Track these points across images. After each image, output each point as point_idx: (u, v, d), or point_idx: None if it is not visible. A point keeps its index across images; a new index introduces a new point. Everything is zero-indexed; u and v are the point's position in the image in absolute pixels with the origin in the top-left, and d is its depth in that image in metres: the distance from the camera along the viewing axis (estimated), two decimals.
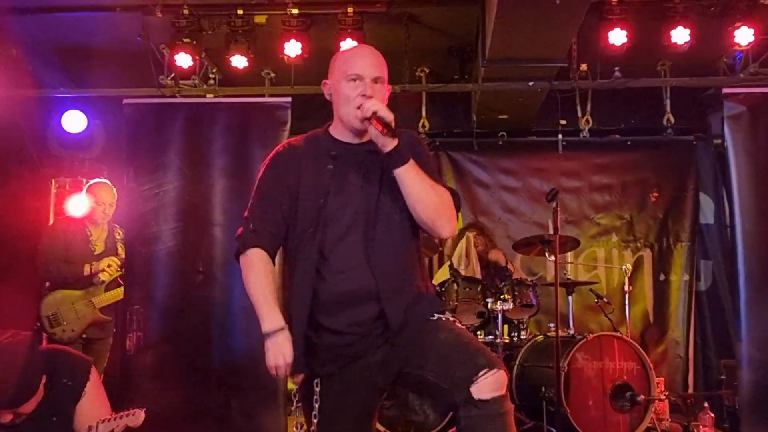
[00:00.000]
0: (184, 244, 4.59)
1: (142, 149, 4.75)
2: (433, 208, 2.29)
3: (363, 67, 2.31)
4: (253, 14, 5.49)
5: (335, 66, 2.39)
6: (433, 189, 2.30)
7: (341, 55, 2.44)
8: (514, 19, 4.56)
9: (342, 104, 2.33)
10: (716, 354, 6.22)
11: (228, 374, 4.49)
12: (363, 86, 2.29)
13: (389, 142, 2.23)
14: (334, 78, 2.37)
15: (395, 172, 2.25)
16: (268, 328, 2.25)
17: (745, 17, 5.17)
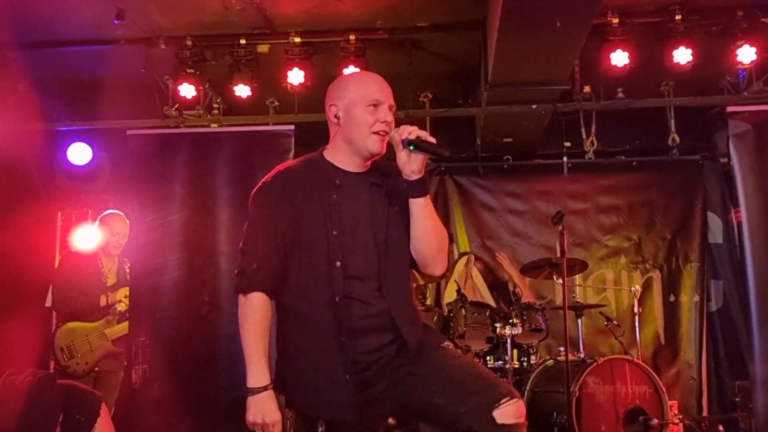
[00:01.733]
0: (190, 275, 4.58)
1: (146, 180, 4.76)
2: (437, 243, 2.30)
3: (382, 94, 2.31)
4: (256, 44, 5.53)
5: (348, 90, 2.34)
6: (440, 225, 2.32)
7: (354, 80, 2.41)
8: (515, 42, 4.57)
9: (358, 127, 2.29)
10: (730, 375, 6.13)
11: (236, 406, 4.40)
12: (383, 112, 2.28)
13: (420, 168, 2.23)
14: (347, 102, 2.32)
15: (415, 202, 2.25)
16: (253, 384, 2.20)
17: (747, 36, 5.17)
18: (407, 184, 2.25)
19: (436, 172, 6.72)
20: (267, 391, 2.18)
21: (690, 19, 5.19)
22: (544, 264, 5.24)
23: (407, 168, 2.22)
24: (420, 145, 2.20)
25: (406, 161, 2.22)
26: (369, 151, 2.29)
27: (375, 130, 2.26)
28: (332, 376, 2.19)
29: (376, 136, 2.26)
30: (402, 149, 2.22)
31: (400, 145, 2.22)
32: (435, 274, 2.37)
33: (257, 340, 2.20)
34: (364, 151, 2.30)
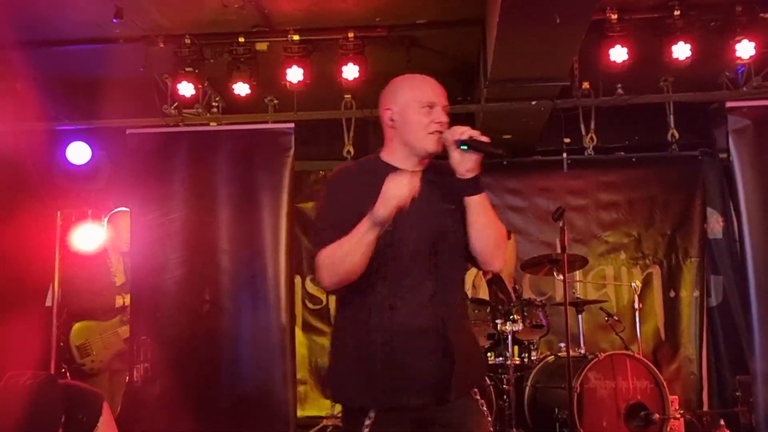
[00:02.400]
0: (191, 273, 4.58)
1: (146, 179, 4.76)
2: (494, 240, 2.35)
3: (435, 95, 2.36)
4: (255, 42, 5.53)
5: (401, 93, 2.39)
6: (497, 221, 2.36)
7: (407, 83, 2.43)
8: (514, 39, 4.57)
9: (413, 129, 2.34)
10: (730, 370, 6.14)
11: (238, 404, 4.45)
12: (437, 112, 2.33)
13: (475, 167, 2.27)
14: (401, 105, 2.36)
15: (471, 200, 2.30)
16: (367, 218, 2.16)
17: (746, 31, 5.17)
18: (461, 182, 2.30)
19: None
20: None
21: (689, 14, 5.19)
22: (545, 260, 5.25)
23: (461, 167, 2.28)
24: (472, 144, 2.26)
25: (459, 160, 2.27)
26: (426, 151, 2.34)
27: (431, 131, 2.31)
28: (375, 370, 2.21)
29: (433, 136, 2.31)
30: (455, 149, 2.27)
31: (453, 145, 2.27)
32: (494, 268, 2.43)
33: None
34: (422, 151, 2.35)
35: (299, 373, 6.17)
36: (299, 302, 6.67)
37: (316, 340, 6.71)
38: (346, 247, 2.17)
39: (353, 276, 2.19)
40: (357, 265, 2.17)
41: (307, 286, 6.80)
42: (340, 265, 2.19)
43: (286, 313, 4.54)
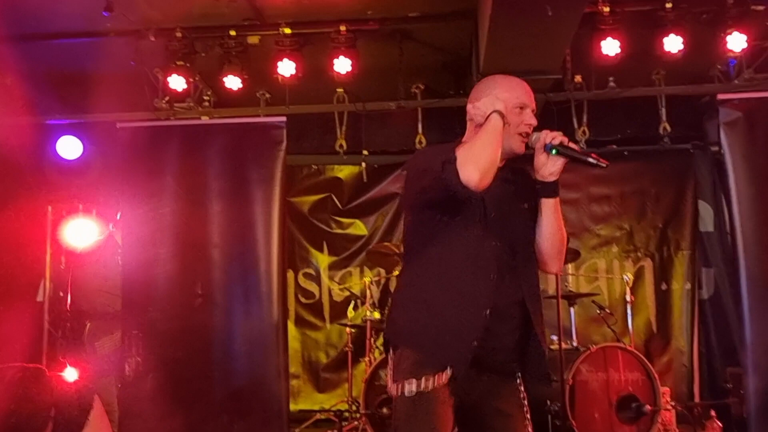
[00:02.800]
0: (182, 267, 4.57)
1: (137, 173, 4.74)
2: (559, 243, 2.42)
3: (528, 97, 2.43)
4: (246, 35, 5.50)
5: (496, 92, 2.42)
6: (563, 227, 2.43)
7: (501, 82, 2.47)
8: (506, 32, 4.56)
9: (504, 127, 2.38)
10: (722, 362, 6.17)
11: (230, 398, 4.45)
12: (528, 115, 2.40)
13: (559, 171, 2.34)
14: (492, 103, 2.38)
15: (547, 202, 2.37)
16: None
17: (737, 23, 5.17)
18: (542, 185, 2.37)
19: None
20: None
21: (680, 7, 5.19)
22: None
23: (545, 170, 2.35)
24: (562, 150, 2.31)
25: (544, 163, 2.35)
26: (512, 151, 2.40)
27: (519, 131, 2.38)
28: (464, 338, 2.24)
29: (519, 137, 2.38)
30: (542, 152, 2.34)
31: (542, 148, 2.33)
32: (552, 271, 2.53)
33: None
34: (507, 150, 2.39)
35: (292, 367, 6.17)
36: (292, 296, 6.67)
37: (309, 334, 6.72)
38: (480, 142, 2.25)
39: (496, 164, 2.23)
40: (496, 153, 2.23)
41: (300, 281, 6.80)
42: (482, 155, 2.21)
43: (278, 308, 4.53)
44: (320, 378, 6.62)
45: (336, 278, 6.72)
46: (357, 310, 6.03)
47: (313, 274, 6.80)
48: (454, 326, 2.24)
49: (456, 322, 2.24)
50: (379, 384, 4.81)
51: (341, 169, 6.88)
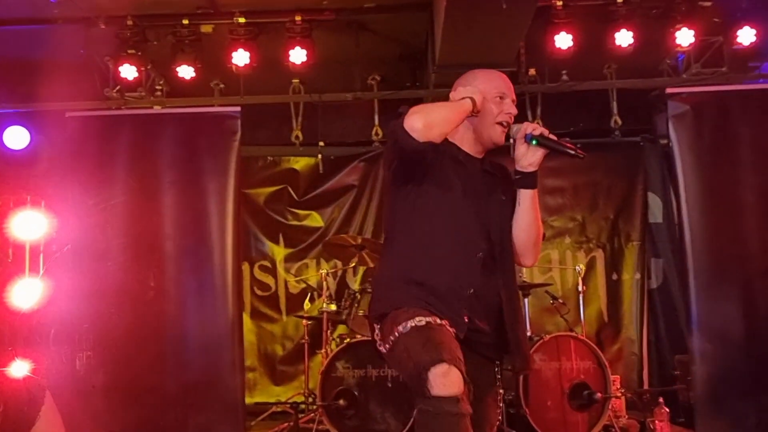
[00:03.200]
0: (134, 260, 4.49)
1: (87, 163, 4.64)
2: (535, 236, 2.44)
3: (507, 88, 2.49)
4: (199, 24, 5.43)
5: (477, 82, 2.48)
6: (540, 219, 2.44)
7: (481, 74, 2.53)
8: (461, 24, 4.59)
9: (485, 117, 2.43)
10: (670, 350, 6.32)
11: (184, 392, 4.40)
12: (508, 104, 2.45)
13: (538, 162, 2.37)
14: (470, 92, 2.43)
15: (525, 194, 2.39)
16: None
17: (686, 19, 5.30)
18: (521, 175, 2.40)
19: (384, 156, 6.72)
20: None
21: (631, 2, 5.30)
22: None
23: (525, 160, 2.38)
24: (542, 141, 2.35)
25: (524, 153, 2.38)
26: (492, 141, 2.44)
27: (499, 120, 2.42)
28: (455, 308, 2.23)
29: (499, 127, 2.42)
30: (522, 143, 2.37)
31: (522, 138, 2.37)
32: (526, 264, 2.52)
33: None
34: (487, 140, 2.45)
35: (248, 360, 6.13)
36: (247, 289, 6.61)
37: (265, 326, 6.67)
38: (438, 105, 2.36)
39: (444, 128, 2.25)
40: (448, 118, 2.28)
41: (256, 273, 6.74)
42: (432, 111, 2.28)
43: (233, 300, 4.50)
44: (276, 370, 6.59)
45: (292, 270, 6.69)
46: (313, 302, 6.01)
47: (268, 267, 6.76)
48: (445, 297, 2.24)
49: (445, 292, 2.25)
50: (335, 376, 4.81)
51: (297, 161, 6.84)
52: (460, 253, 2.31)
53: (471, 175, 2.41)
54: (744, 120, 4.42)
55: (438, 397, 1.94)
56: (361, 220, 6.74)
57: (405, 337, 2.13)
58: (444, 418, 1.94)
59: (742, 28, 5.35)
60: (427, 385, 1.95)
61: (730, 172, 4.40)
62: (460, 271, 2.29)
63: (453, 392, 1.95)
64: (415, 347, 2.05)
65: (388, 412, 4.69)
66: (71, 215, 4.65)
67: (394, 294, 2.28)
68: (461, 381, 1.97)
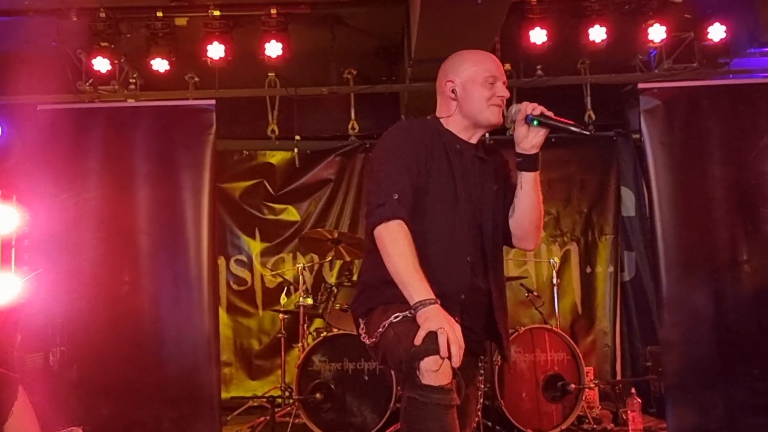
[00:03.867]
0: (108, 254, 4.44)
1: (59, 156, 4.58)
2: (537, 219, 2.39)
3: (497, 70, 2.39)
4: (174, 17, 5.38)
5: (466, 65, 2.40)
6: (541, 203, 2.39)
7: (470, 57, 2.44)
8: (437, 19, 4.60)
9: (476, 101, 2.36)
10: (642, 341, 6.43)
11: (160, 387, 4.37)
12: (500, 87, 2.37)
13: (540, 143, 2.31)
14: (464, 78, 2.38)
15: (527, 175, 2.33)
16: (423, 297, 2.02)
17: (658, 15, 5.37)
18: (522, 158, 2.32)
19: (361, 150, 6.73)
20: (437, 304, 2.04)
21: None
22: None
23: (526, 142, 2.30)
24: (543, 120, 2.27)
25: (525, 135, 2.30)
26: (489, 123, 2.37)
27: (492, 103, 2.35)
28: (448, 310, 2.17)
29: (495, 108, 2.35)
30: (522, 124, 2.29)
31: (522, 120, 2.29)
32: (528, 248, 2.47)
33: (412, 261, 2.10)
34: (485, 122, 2.37)
35: (224, 354, 6.11)
36: (223, 283, 6.59)
37: (241, 321, 6.66)
38: (396, 264, 2.10)
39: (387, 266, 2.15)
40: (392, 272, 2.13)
41: (232, 268, 6.73)
42: (388, 262, 2.13)
43: (209, 294, 4.47)
44: (253, 365, 6.58)
45: (268, 265, 6.67)
46: (290, 296, 6.02)
47: (244, 261, 6.74)
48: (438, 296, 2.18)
49: (437, 297, 2.14)
50: (312, 369, 4.82)
51: (273, 155, 6.82)
52: (452, 257, 2.26)
53: (467, 166, 2.35)
54: (714, 115, 4.48)
55: (428, 386, 1.93)
56: (338, 214, 6.75)
57: (396, 326, 2.10)
58: (433, 407, 1.93)
59: (713, 24, 5.43)
60: (418, 373, 1.93)
61: (700, 166, 4.46)
62: (451, 275, 2.24)
63: (443, 382, 1.93)
64: (407, 336, 1.99)
65: (364, 405, 4.71)
66: (44, 209, 4.59)
67: (383, 293, 2.23)
68: (451, 372, 1.95)
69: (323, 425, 4.68)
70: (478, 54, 2.45)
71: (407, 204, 2.19)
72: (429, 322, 1.95)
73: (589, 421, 4.98)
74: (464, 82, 2.38)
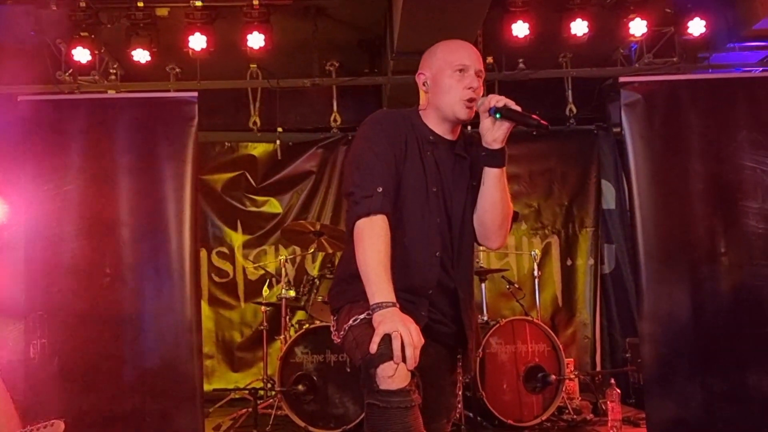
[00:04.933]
0: (89, 246, 4.40)
1: (40, 148, 4.52)
2: (502, 217, 2.30)
3: (468, 58, 2.28)
4: (155, 7, 5.34)
5: (436, 57, 2.32)
6: (508, 199, 2.31)
7: (442, 47, 2.35)
8: (420, 11, 4.61)
9: (445, 94, 2.27)
10: (621, 333, 6.50)
11: (141, 379, 4.35)
12: (469, 77, 2.26)
13: (503, 138, 2.22)
14: (434, 69, 2.30)
15: (490, 171, 2.24)
16: (383, 299, 1.98)
17: (639, 9, 5.42)
18: (486, 152, 2.24)
19: (343, 142, 6.73)
20: (395, 307, 1.99)
21: None
22: None
23: (489, 135, 2.22)
24: (506, 113, 2.18)
25: (489, 128, 2.22)
26: (456, 117, 2.27)
27: (463, 97, 2.24)
28: (416, 305, 2.18)
29: (463, 102, 2.24)
30: (487, 117, 2.21)
31: (487, 112, 2.20)
32: (492, 246, 2.39)
33: (384, 260, 2.06)
34: (452, 117, 2.28)
35: (206, 347, 6.10)
36: (205, 276, 6.57)
37: (223, 313, 6.65)
38: (368, 258, 2.06)
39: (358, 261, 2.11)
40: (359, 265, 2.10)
41: (213, 260, 6.71)
42: (360, 255, 2.09)
43: (191, 287, 4.45)
44: (235, 357, 6.58)
45: (250, 257, 6.66)
46: (272, 288, 6.01)
47: (226, 253, 6.72)
48: (404, 296, 2.13)
49: (405, 291, 2.14)
50: (294, 361, 4.83)
51: (255, 147, 6.80)
52: (422, 252, 2.22)
53: (440, 160, 2.28)
54: (693, 109, 4.52)
55: (386, 391, 1.91)
56: (320, 206, 6.74)
57: (354, 330, 2.08)
58: (393, 411, 1.92)
59: (693, 19, 5.49)
60: (376, 379, 1.92)
61: (679, 160, 4.50)
62: (420, 270, 2.21)
63: (401, 385, 1.91)
64: (364, 342, 1.97)
65: (347, 397, 4.73)
66: (24, 201, 4.55)
67: (351, 288, 2.20)
68: (408, 373, 1.93)
69: (305, 417, 4.69)
70: (450, 44, 2.35)
71: (390, 197, 2.17)
72: (383, 325, 1.92)
73: (569, 411, 5.04)
74: (434, 74, 2.31)
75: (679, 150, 4.51)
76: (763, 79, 5.03)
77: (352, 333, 2.10)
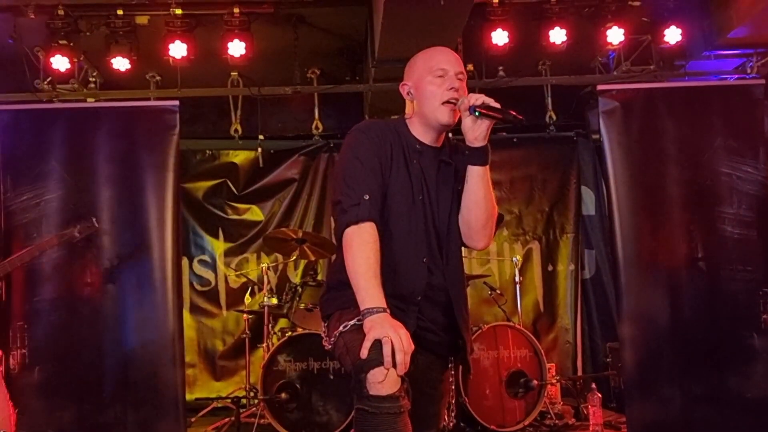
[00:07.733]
0: (70, 256, 4.38)
1: (19, 157, 4.49)
2: (486, 216, 2.31)
3: (447, 62, 2.31)
4: (134, 15, 5.32)
5: (416, 65, 2.36)
6: (492, 198, 2.33)
7: (422, 55, 2.38)
8: (400, 19, 4.63)
9: (427, 100, 2.29)
10: (602, 338, 6.55)
11: (123, 389, 4.33)
12: (450, 79, 2.28)
13: (484, 136, 2.24)
14: (415, 78, 2.34)
15: (473, 169, 2.26)
16: (373, 305, 2.00)
17: (616, 18, 5.49)
18: (469, 150, 2.26)
19: (325, 149, 6.74)
20: (386, 312, 2.01)
21: (564, 1, 5.46)
22: None
23: (471, 134, 2.24)
24: (485, 112, 2.21)
25: (470, 126, 2.24)
26: (439, 123, 2.29)
27: (444, 100, 2.27)
28: (406, 312, 2.19)
29: (446, 106, 2.27)
30: (468, 115, 2.23)
31: (467, 111, 2.23)
32: (477, 247, 2.39)
33: (374, 266, 2.07)
34: (435, 123, 2.30)
35: (188, 356, 6.07)
36: (187, 284, 6.53)
37: (205, 322, 6.62)
38: (358, 265, 2.08)
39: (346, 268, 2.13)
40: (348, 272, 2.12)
41: (195, 268, 6.68)
42: (350, 262, 2.11)
43: (173, 295, 4.45)
44: (217, 366, 6.54)
45: (232, 265, 6.64)
46: (254, 296, 5.99)
47: (208, 261, 6.70)
48: (394, 303, 2.13)
49: (394, 298, 2.14)
50: (277, 369, 4.82)
51: (237, 154, 6.78)
52: (409, 259, 2.23)
53: (426, 167, 2.30)
54: (670, 116, 4.59)
55: (376, 397, 1.92)
56: (302, 213, 6.74)
57: (345, 336, 2.10)
58: (383, 417, 1.92)
59: (669, 27, 5.57)
60: (366, 385, 1.93)
61: (657, 166, 4.57)
62: (408, 277, 2.22)
63: (391, 391, 1.92)
64: (354, 347, 1.98)
65: (330, 405, 4.73)
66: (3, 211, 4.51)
67: (341, 296, 2.21)
68: (398, 379, 1.94)
69: (289, 425, 4.69)
70: (428, 51, 2.39)
71: (377, 205, 2.19)
72: (373, 330, 1.94)
73: (551, 416, 5.08)
74: (416, 82, 2.34)
75: (656, 156, 4.58)
76: (739, 86, 5.12)
77: (343, 339, 2.11)
